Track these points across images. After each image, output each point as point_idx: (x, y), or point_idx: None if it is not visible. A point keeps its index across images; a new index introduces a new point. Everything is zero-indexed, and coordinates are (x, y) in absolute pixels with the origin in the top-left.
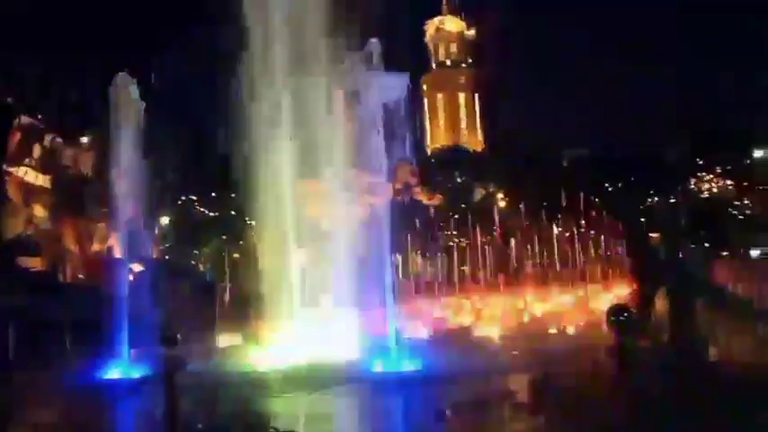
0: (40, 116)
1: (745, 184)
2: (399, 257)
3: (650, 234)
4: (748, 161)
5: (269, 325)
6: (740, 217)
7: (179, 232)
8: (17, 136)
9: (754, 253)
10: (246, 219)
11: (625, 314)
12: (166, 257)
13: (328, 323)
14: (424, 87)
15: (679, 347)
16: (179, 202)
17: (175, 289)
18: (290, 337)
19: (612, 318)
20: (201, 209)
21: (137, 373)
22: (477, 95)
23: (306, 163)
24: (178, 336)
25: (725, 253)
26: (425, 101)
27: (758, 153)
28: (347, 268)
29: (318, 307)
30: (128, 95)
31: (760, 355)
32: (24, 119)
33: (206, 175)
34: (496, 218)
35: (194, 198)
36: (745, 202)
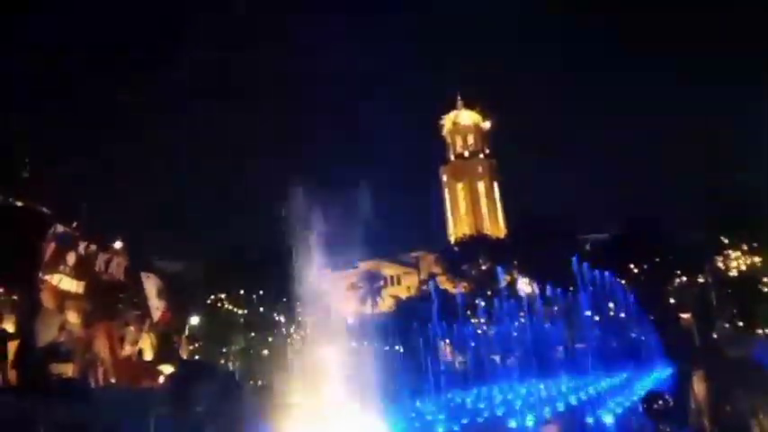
0: (75, 224)
1: None
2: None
3: (681, 315)
4: None
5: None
6: None
7: (208, 331)
8: (52, 245)
9: None
10: (275, 315)
11: (660, 401)
12: (196, 357)
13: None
14: (444, 178)
15: None
16: (208, 302)
17: (204, 389)
18: None
19: (646, 405)
20: (230, 307)
21: None
22: (496, 183)
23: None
24: None
25: (759, 331)
26: (446, 191)
27: None
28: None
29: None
30: None
31: None
32: (59, 227)
33: (234, 273)
34: (523, 303)
35: (222, 296)
36: None
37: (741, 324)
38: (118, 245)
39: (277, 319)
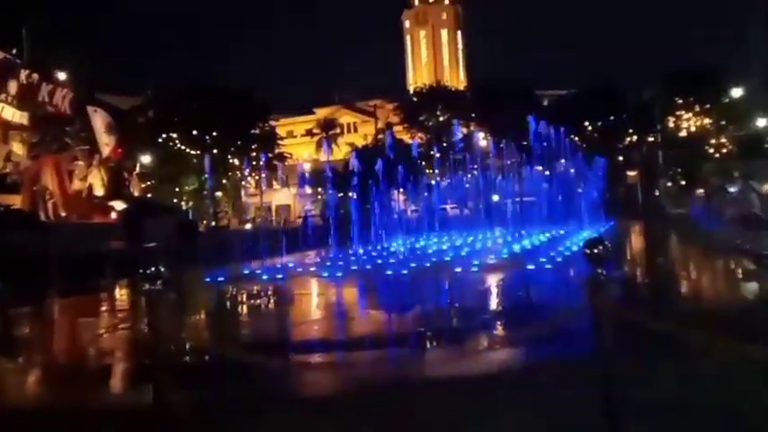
0: (15, 51)
1: (723, 122)
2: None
3: (628, 172)
4: (727, 100)
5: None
6: (716, 156)
7: (161, 170)
8: None
9: (731, 190)
10: (229, 156)
11: (600, 247)
12: (148, 195)
13: None
14: (407, 24)
15: (651, 281)
16: (160, 140)
17: (158, 227)
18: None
19: (587, 250)
20: (183, 147)
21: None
22: (460, 32)
23: None
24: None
25: (700, 191)
26: (408, 38)
27: (736, 92)
28: None
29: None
30: None
31: (724, 292)
32: None
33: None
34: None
35: (174, 135)
36: (723, 140)
37: (684, 183)
38: (62, 76)
39: (231, 161)
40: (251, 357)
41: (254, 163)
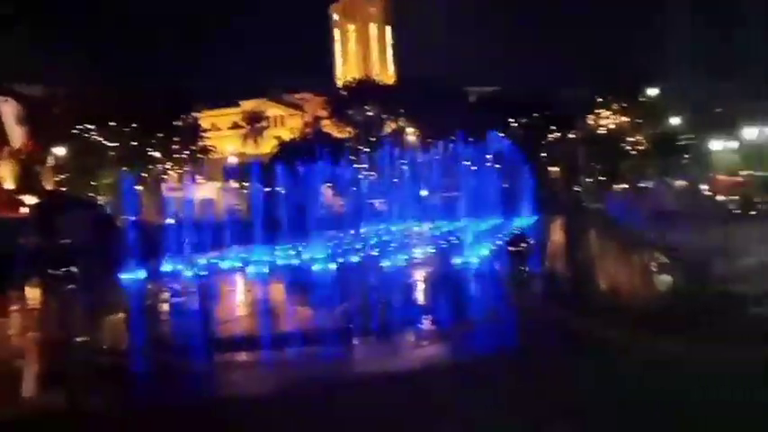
0: None
1: (639, 121)
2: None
3: (551, 168)
4: (643, 99)
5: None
6: (633, 152)
7: (77, 162)
8: None
9: (646, 185)
10: (148, 150)
11: (523, 243)
12: (63, 189)
13: None
14: (335, 17)
15: (571, 276)
16: (75, 131)
17: (73, 222)
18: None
19: (511, 246)
20: (100, 138)
21: None
22: (388, 27)
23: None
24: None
25: (616, 186)
26: (336, 32)
27: (652, 91)
28: None
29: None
30: None
31: (640, 285)
32: None
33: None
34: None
35: (91, 127)
36: (638, 137)
37: (603, 179)
38: None
39: (151, 153)
40: (167, 358)
41: (176, 156)
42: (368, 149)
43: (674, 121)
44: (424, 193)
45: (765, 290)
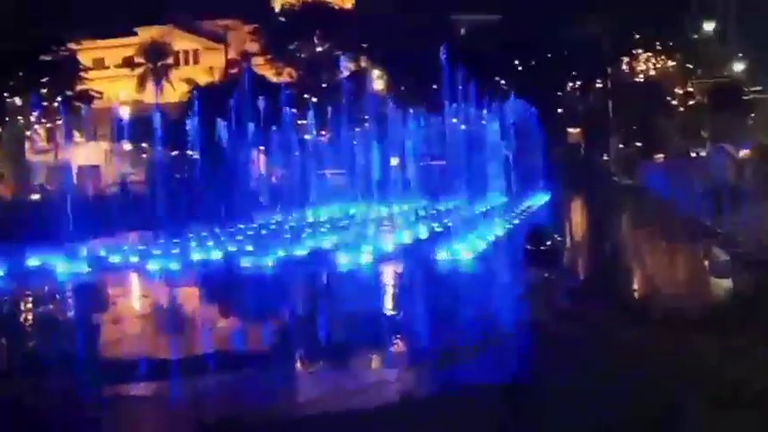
0: None
1: (690, 66)
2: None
3: (570, 129)
4: (695, 36)
5: None
6: (680, 109)
7: None
8: None
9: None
10: (5, 95)
11: (548, 241)
12: None
13: None
14: None
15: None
16: None
17: None
18: None
19: (530, 246)
20: None
21: None
22: None
23: None
24: None
25: (659, 156)
26: None
27: (707, 26)
28: None
29: None
30: None
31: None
32: None
33: None
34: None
35: None
36: (689, 89)
37: (639, 145)
38: None
39: (7, 100)
40: (21, 393)
41: (44, 104)
42: (317, 99)
43: (737, 67)
44: (395, 161)
45: None
